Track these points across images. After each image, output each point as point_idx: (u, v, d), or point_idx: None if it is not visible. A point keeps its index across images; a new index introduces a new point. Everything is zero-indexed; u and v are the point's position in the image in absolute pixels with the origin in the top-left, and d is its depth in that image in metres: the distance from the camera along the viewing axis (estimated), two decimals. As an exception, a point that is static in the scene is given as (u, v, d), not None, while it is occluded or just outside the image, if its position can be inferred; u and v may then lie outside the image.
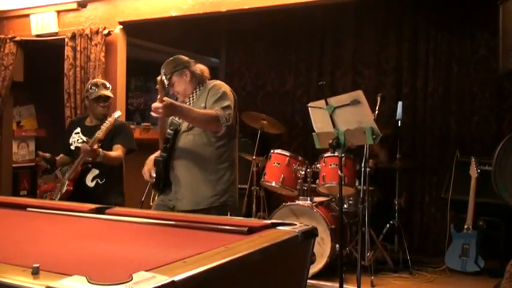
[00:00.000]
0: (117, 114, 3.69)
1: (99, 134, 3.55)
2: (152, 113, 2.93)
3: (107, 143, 3.66)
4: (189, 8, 4.69)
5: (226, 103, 3.10)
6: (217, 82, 3.29)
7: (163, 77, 3.11)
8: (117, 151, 3.71)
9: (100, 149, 3.54)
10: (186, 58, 3.33)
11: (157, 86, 2.99)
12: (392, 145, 5.01)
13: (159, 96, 2.89)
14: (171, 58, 3.31)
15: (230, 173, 3.21)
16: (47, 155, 3.81)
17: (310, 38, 6.23)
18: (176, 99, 3.22)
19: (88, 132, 3.79)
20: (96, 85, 3.88)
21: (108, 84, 3.94)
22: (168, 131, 3.21)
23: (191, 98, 3.25)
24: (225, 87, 3.22)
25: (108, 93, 3.85)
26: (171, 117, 3.20)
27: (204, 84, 3.28)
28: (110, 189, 3.75)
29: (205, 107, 3.13)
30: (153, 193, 3.31)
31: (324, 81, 4.91)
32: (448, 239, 4.74)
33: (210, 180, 3.14)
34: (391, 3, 5.65)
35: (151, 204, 3.31)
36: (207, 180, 3.14)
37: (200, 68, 3.32)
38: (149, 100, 7.94)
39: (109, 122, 3.59)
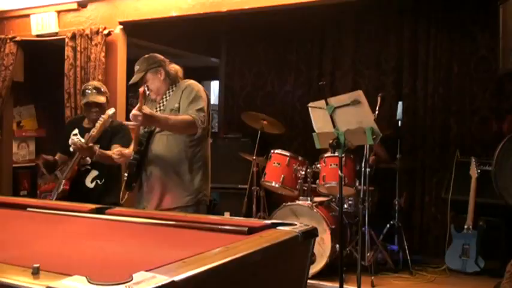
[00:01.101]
0: (111, 111, 3.65)
1: (93, 131, 3.52)
2: (129, 122, 2.96)
3: (105, 143, 3.65)
4: (190, 8, 4.69)
5: (200, 105, 3.12)
6: (191, 82, 3.28)
7: (146, 88, 3.12)
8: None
9: (96, 147, 3.52)
10: (162, 57, 3.33)
11: (139, 96, 2.98)
12: (393, 145, 5.01)
13: (138, 105, 2.90)
14: (146, 56, 3.32)
15: (203, 172, 3.24)
16: (50, 157, 3.79)
17: (310, 38, 6.22)
18: (148, 96, 3.23)
19: (86, 134, 3.79)
20: (88, 89, 3.82)
21: (102, 88, 3.87)
22: (142, 132, 3.22)
23: (164, 98, 3.26)
24: (199, 88, 3.23)
25: (97, 99, 3.76)
26: None
27: (178, 84, 3.29)
28: (108, 190, 3.74)
29: (178, 107, 3.15)
30: (122, 191, 3.31)
31: (324, 81, 4.89)
32: (448, 239, 4.74)
33: (183, 180, 3.17)
34: (391, 3, 5.65)
35: (121, 202, 3.32)
36: (181, 180, 3.17)
37: (175, 68, 3.33)
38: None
39: (103, 118, 3.54)
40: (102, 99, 3.79)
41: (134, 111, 2.90)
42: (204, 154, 3.25)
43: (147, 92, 3.14)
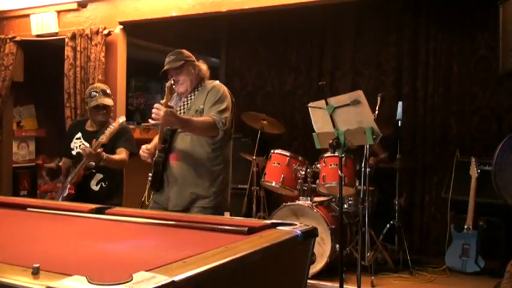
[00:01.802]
0: (122, 119, 3.67)
1: (103, 138, 3.54)
2: (151, 120, 2.96)
3: (109, 146, 3.65)
4: (190, 8, 4.69)
5: (223, 106, 3.13)
6: (217, 83, 3.30)
7: (172, 82, 3.11)
8: (121, 154, 3.71)
9: (103, 153, 3.53)
10: None
11: (166, 89, 3.02)
12: (392, 145, 5.00)
13: (164, 100, 2.93)
14: (181, 50, 3.30)
15: (224, 174, 3.24)
16: (52, 165, 3.79)
17: (310, 38, 6.22)
18: (173, 90, 3.21)
19: (89, 137, 3.78)
20: (95, 91, 3.82)
21: (108, 91, 3.88)
22: (166, 130, 3.21)
23: (189, 97, 3.25)
24: (224, 89, 3.24)
25: (106, 101, 3.78)
26: None
27: (203, 83, 3.28)
28: (113, 192, 3.76)
29: (203, 109, 3.15)
30: (147, 191, 3.31)
31: (324, 81, 4.90)
32: (448, 239, 4.74)
33: (204, 181, 3.16)
34: (391, 3, 5.65)
35: (146, 202, 3.32)
36: (202, 181, 3.16)
37: (204, 66, 3.34)
38: (150, 99, 7.95)
39: (113, 127, 3.58)
40: (110, 101, 3.82)
41: (157, 104, 2.90)
42: (225, 157, 3.25)
43: (174, 86, 3.14)
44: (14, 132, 6.04)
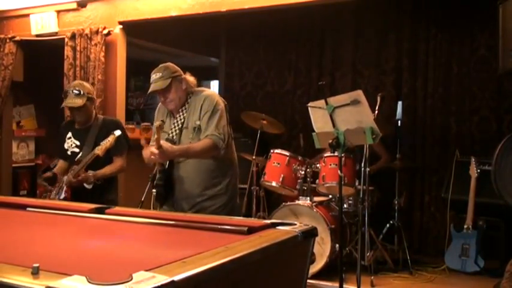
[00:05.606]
0: (117, 133, 3.60)
1: (98, 149, 3.51)
2: (147, 159, 3.01)
3: (105, 155, 3.60)
4: (189, 7, 4.69)
5: (219, 120, 3.11)
6: (207, 93, 3.23)
7: (162, 122, 3.10)
8: (116, 163, 3.70)
9: (89, 174, 3.53)
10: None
11: (155, 131, 3.01)
12: (392, 145, 5.00)
13: (155, 142, 2.93)
14: (166, 64, 3.24)
15: (234, 176, 3.25)
16: (49, 174, 3.76)
17: (310, 38, 6.22)
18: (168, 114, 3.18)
19: (79, 135, 3.77)
20: (67, 92, 3.75)
21: (82, 91, 3.69)
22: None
23: (181, 112, 3.21)
24: (216, 99, 3.19)
25: (72, 103, 3.66)
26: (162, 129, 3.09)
27: (192, 94, 3.23)
28: (106, 188, 3.74)
29: (200, 125, 3.12)
30: (152, 203, 3.31)
31: (324, 81, 4.91)
32: (448, 238, 4.74)
33: (216, 190, 3.17)
34: (391, 3, 5.65)
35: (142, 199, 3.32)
36: (214, 191, 3.16)
37: (192, 78, 3.28)
38: (150, 99, 7.95)
39: (108, 141, 3.52)
40: (78, 102, 3.67)
41: (153, 149, 2.93)
42: (231, 157, 3.26)
43: (163, 126, 3.12)
44: (13, 132, 6.05)
